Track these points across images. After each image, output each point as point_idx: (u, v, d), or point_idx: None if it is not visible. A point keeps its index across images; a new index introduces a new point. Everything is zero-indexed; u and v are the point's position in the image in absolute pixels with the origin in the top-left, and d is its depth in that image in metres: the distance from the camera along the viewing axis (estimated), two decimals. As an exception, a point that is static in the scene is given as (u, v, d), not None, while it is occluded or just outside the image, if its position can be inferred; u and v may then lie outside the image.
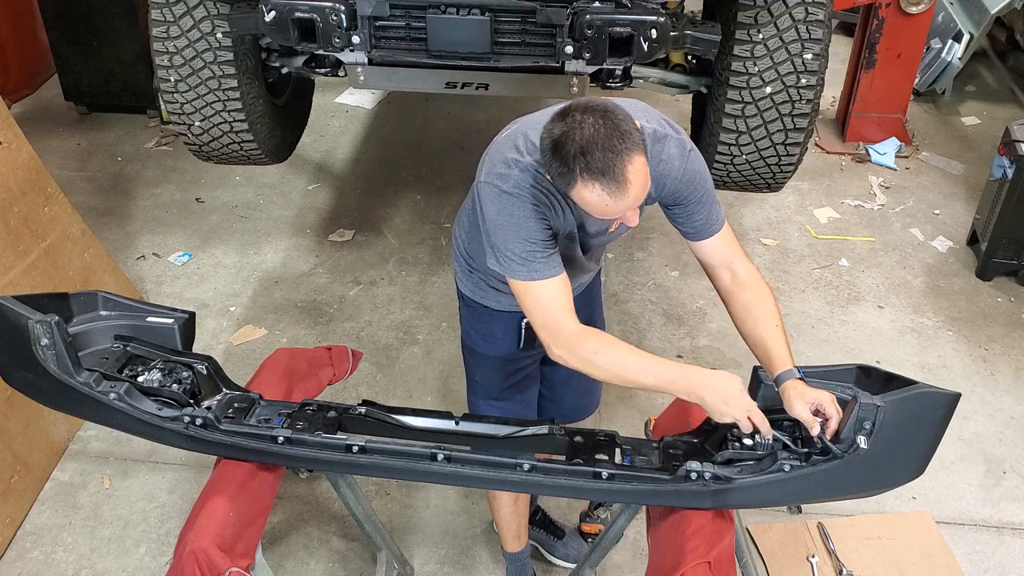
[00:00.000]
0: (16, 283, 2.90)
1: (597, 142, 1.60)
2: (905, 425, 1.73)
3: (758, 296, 1.94)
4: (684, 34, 2.77)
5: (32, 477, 2.90)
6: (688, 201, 1.91)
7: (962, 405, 1.77)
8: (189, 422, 1.91)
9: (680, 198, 1.91)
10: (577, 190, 1.65)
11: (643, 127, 1.82)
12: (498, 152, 1.84)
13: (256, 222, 4.25)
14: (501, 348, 2.19)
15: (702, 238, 1.96)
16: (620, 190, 1.63)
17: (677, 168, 1.87)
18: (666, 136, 1.87)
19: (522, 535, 2.54)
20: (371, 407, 1.98)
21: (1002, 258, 3.83)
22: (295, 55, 3.38)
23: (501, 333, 2.17)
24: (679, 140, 1.89)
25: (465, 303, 2.22)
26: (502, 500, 2.44)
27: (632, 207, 1.69)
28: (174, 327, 2.08)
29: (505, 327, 2.16)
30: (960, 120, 5.17)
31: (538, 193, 1.80)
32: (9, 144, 3.01)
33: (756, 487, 1.79)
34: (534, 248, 1.79)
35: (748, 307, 1.93)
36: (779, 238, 4.17)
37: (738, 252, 1.98)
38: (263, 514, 1.99)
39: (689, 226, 1.96)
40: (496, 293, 2.12)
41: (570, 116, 1.64)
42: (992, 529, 2.86)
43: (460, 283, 2.21)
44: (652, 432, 2.24)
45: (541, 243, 1.80)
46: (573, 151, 1.61)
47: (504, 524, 2.50)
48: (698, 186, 1.91)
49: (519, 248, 1.79)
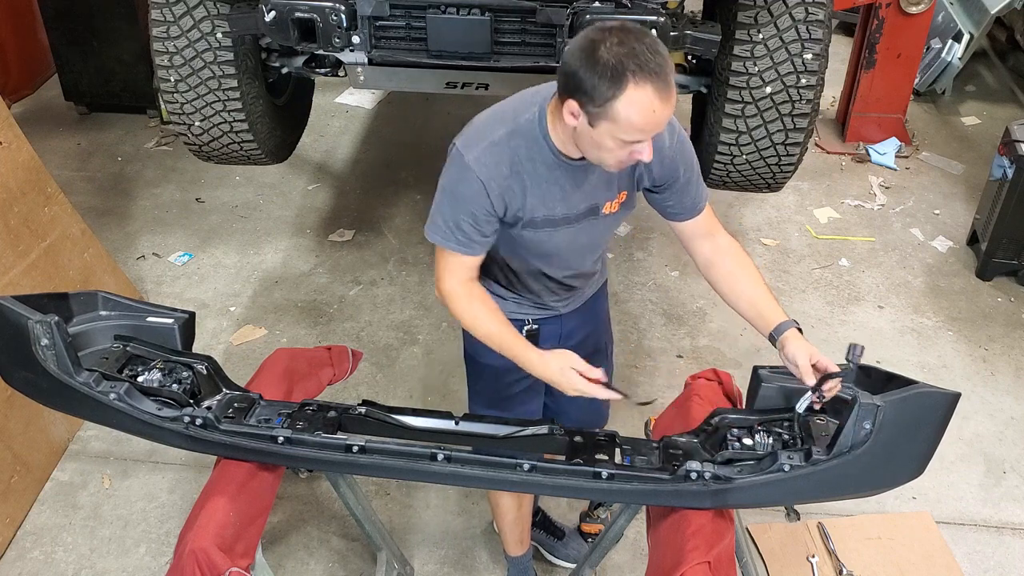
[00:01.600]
0: (16, 283, 2.90)
1: (643, 47, 1.59)
2: (905, 425, 1.73)
3: (740, 261, 1.99)
4: (684, 34, 2.76)
5: (32, 477, 2.90)
6: (679, 179, 1.92)
7: (962, 405, 1.77)
8: (189, 422, 1.91)
9: (674, 176, 1.91)
10: (627, 95, 1.59)
11: None
12: (485, 120, 1.86)
13: (256, 222, 4.25)
14: (500, 357, 2.14)
15: (690, 217, 1.99)
16: (668, 92, 1.61)
17: (668, 146, 1.87)
18: None
19: (524, 540, 2.54)
20: (371, 407, 1.98)
21: (1002, 258, 3.83)
22: (295, 55, 3.38)
23: None
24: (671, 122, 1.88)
25: None
26: (505, 507, 2.42)
27: (662, 124, 1.66)
28: (174, 327, 2.08)
29: None
30: (960, 120, 5.17)
31: (503, 169, 1.80)
32: (9, 144, 3.01)
33: (756, 487, 1.79)
34: (463, 225, 1.84)
35: (733, 272, 1.98)
36: (779, 238, 4.17)
37: (717, 224, 2.02)
38: (263, 514, 1.99)
39: (680, 206, 1.97)
40: (495, 298, 2.10)
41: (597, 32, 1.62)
42: (992, 529, 2.86)
43: None
44: (652, 432, 2.24)
45: (472, 225, 1.84)
46: (620, 54, 1.58)
47: (507, 530, 2.50)
48: (688, 162, 1.92)
49: (451, 217, 1.85)
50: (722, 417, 1.90)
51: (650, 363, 3.45)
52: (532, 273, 2.04)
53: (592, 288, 2.23)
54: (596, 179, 1.87)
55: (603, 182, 1.89)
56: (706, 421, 1.93)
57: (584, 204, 1.90)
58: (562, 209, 1.88)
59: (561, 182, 1.85)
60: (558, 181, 1.85)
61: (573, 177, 1.85)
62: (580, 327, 2.21)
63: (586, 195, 1.88)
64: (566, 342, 2.18)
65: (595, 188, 1.89)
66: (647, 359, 3.47)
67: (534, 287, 2.08)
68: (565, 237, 1.93)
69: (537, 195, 1.85)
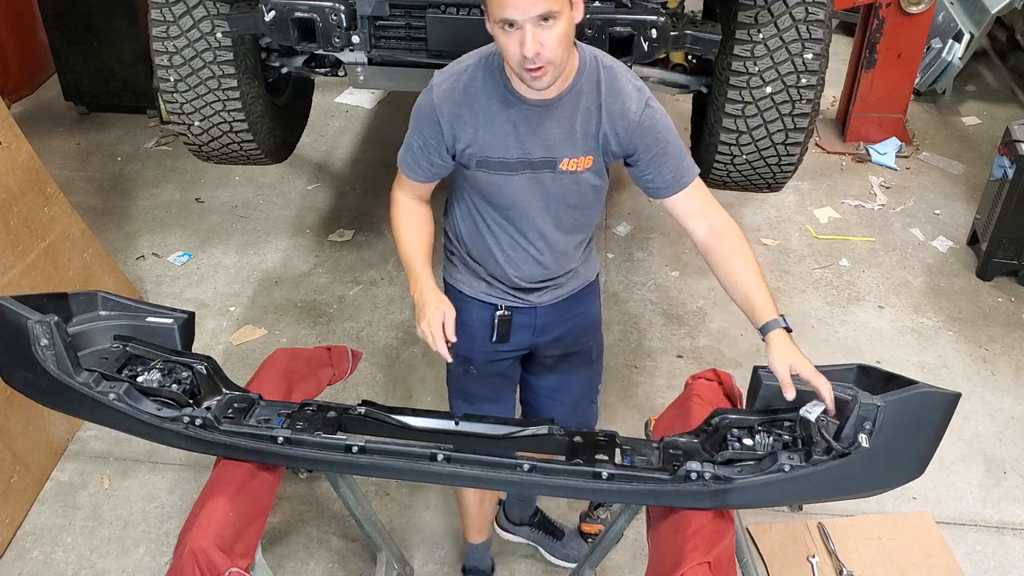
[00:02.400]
0: (16, 283, 2.90)
1: None
2: (905, 425, 1.72)
3: (737, 247, 1.93)
4: (684, 34, 2.76)
5: (32, 477, 2.90)
6: (650, 149, 1.89)
7: (962, 405, 1.77)
8: (188, 422, 1.90)
9: (642, 144, 1.89)
10: None
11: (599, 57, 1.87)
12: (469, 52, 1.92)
13: (256, 222, 4.25)
14: (475, 341, 2.17)
15: (674, 192, 1.95)
16: None
17: (634, 111, 1.86)
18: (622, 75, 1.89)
19: (483, 529, 2.58)
20: (371, 407, 1.98)
21: (1002, 258, 3.83)
22: (295, 55, 3.38)
23: (474, 323, 2.16)
24: (638, 86, 1.89)
25: (445, 290, 2.22)
26: (468, 500, 2.46)
27: (529, 5, 1.64)
28: (173, 327, 2.07)
29: (478, 317, 2.15)
30: (960, 120, 5.17)
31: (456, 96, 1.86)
32: (9, 144, 3.01)
33: (756, 487, 1.78)
34: (414, 145, 1.96)
35: (729, 259, 1.93)
36: (779, 238, 4.17)
37: (714, 204, 1.97)
38: (263, 514, 1.99)
39: (660, 181, 1.93)
40: (470, 277, 2.13)
41: None
42: (992, 529, 2.86)
43: (443, 269, 2.22)
44: (652, 432, 2.23)
45: (422, 147, 1.94)
46: None
47: (468, 520, 2.54)
48: (661, 134, 1.89)
49: (409, 136, 1.97)
50: (722, 417, 1.90)
51: (650, 363, 3.44)
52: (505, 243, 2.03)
53: (572, 282, 2.17)
54: (554, 128, 1.86)
55: (563, 134, 1.87)
56: (706, 421, 1.93)
57: (541, 153, 1.89)
58: (517, 152, 1.88)
59: (515, 122, 1.86)
60: (512, 120, 1.86)
61: (528, 120, 1.86)
62: (556, 324, 2.19)
63: (543, 144, 1.87)
64: (540, 336, 2.20)
65: (553, 138, 1.87)
66: (647, 359, 3.47)
67: (506, 264, 2.06)
68: (520, 185, 1.92)
69: (490, 131, 1.87)
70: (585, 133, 1.88)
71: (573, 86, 1.85)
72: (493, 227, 2.03)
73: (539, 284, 2.11)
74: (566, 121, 1.86)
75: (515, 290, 2.11)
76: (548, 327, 2.19)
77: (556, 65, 1.73)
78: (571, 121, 1.86)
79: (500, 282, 2.11)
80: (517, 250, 2.04)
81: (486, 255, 2.08)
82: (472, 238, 2.09)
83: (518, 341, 2.20)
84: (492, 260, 2.07)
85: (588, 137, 1.89)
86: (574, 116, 1.86)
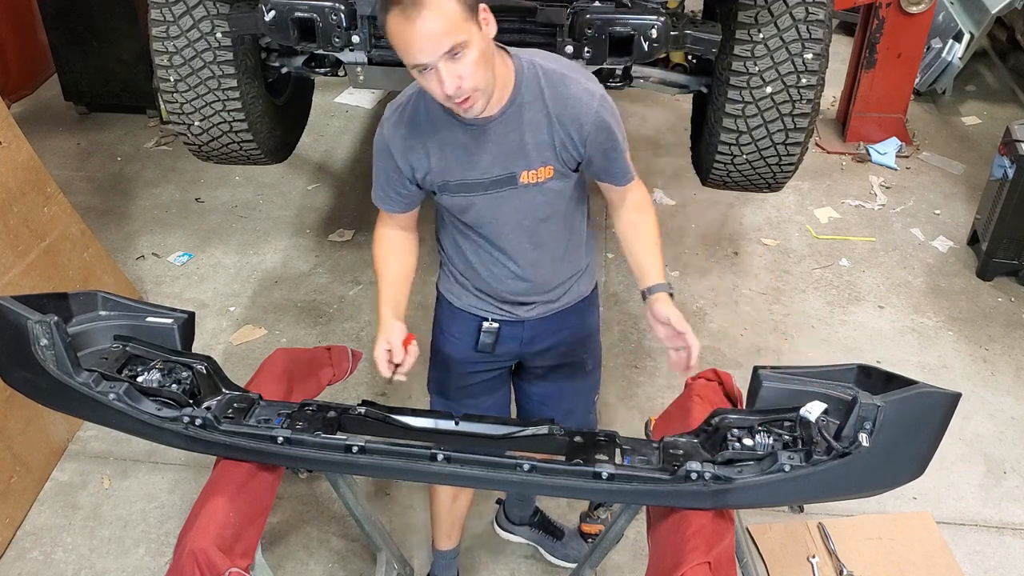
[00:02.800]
0: (15, 283, 2.90)
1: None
2: (905, 425, 1.72)
3: (642, 216, 2.02)
4: (684, 34, 2.76)
5: (32, 477, 2.90)
6: (607, 147, 1.89)
7: (962, 405, 1.77)
8: (188, 422, 1.90)
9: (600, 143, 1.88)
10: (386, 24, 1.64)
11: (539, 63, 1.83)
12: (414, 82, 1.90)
13: (256, 222, 4.25)
14: (457, 349, 2.18)
15: (620, 185, 2.00)
16: (414, 10, 1.59)
17: (587, 113, 1.83)
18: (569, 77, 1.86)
19: (453, 535, 2.54)
20: (371, 407, 1.98)
21: (1003, 258, 3.83)
22: (295, 55, 3.37)
23: (459, 333, 2.17)
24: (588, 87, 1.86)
25: (436, 299, 2.24)
26: (439, 497, 2.44)
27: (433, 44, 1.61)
28: (173, 327, 2.07)
29: (462, 328, 2.15)
30: (961, 120, 5.17)
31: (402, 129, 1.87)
32: (8, 144, 3.01)
33: (756, 487, 1.78)
34: (380, 179, 1.97)
35: (633, 225, 2.02)
36: (779, 238, 4.17)
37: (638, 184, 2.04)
38: (263, 514, 1.99)
39: (609, 175, 1.97)
40: (460, 289, 2.13)
41: None
42: (993, 529, 2.86)
43: (437, 278, 2.23)
44: (652, 432, 2.23)
45: (386, 181, 1.96)
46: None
47: (437, 520, 2.51)
48: (614, 132, 1.89)
49: (375, 171, 1.97)
50: (722, 417, 1.89)
51: (650, 363, 3.44)
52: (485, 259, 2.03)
53: (564, 297, 2.15)
54: (503, 143, 1.84)
55: (513, 148, 1.85)
56: (706, 421, 1.92)
57: (498, 170, 1.87)
58: (473, 173, 1.88)
59: (463, 142, 1.85)
60: (459, 142, 1.85)
61: (474, 137, 1.84)
62: (545, 336, 2.17)
63: (496, 160, 1.86)
64: (528, 346, 2.18)
65: (504, 153, 1.85)
66: (647, 359, 3.46)
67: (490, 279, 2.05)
68: (487, 205, 1.92)
69: (442, 156, 1.87)
70: (537, 143, 1.85)
71: (513, 100, 1.82)
72: (471, 245, 2.02)
73: (527, 299, 2.09)
74: (513, 135, 1.84)
75: (504, 303, 2.10)
76: (536, 339, 2.17)
77: (483, 89, 1.71)
78: (518, 134, 1.84)
79: (488, 296, 2.10)
80: (497, 266, 2.03)
81: (470, 270, 2.08)
82: (455, 253, 2.09)
83: (505, 351, 2.18)
84: (476, 275, 2.07)
85: (542, 147, 1.86)
86: (520, 129, 1.83)
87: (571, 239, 2.08)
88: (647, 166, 4.67)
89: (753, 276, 3.92)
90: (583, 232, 2.13)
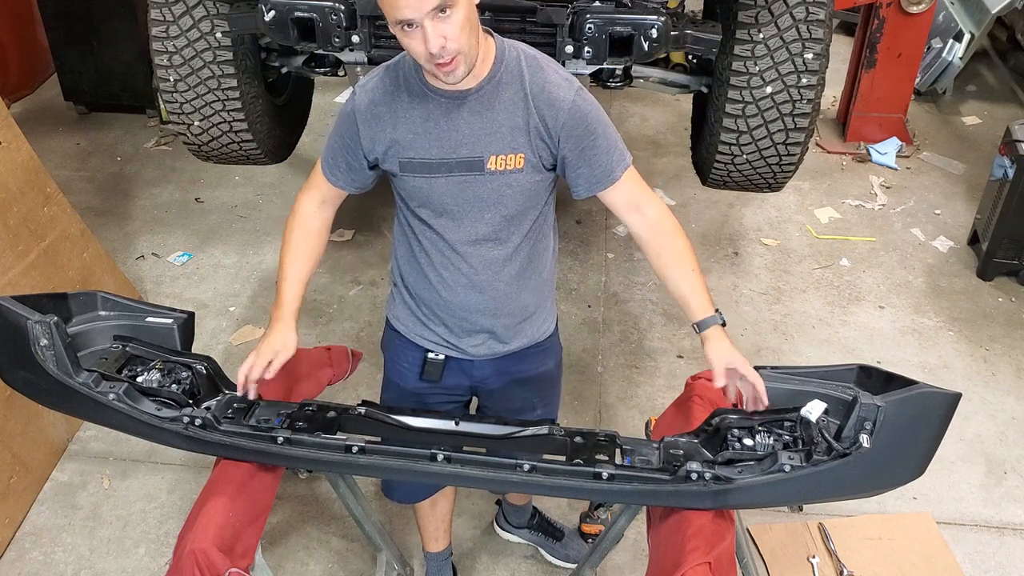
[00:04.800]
0: (15, 283, 2.90)
1: None
2: (906, 425, 1.72)
3: (672, 241, 1.91)
4: (684, 34, 2.76)
5: (31, 477, 2.90)
6: (585, 143, 1.82)
7: (963, 405, 1.77)
8: (188, 422, 1.90)
9: (577, 136, 1.81)
10: None
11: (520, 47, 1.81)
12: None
13: (256, 222, 4.25)
14: (406, 379, 2.14)
15: (607, 186, 1.87)
16: None
17: (564, 99, 1.79)
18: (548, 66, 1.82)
19: (440, 537, 2.53)
20: (371, 407, 1.98)
21: (1003, 258, 3.83)
22: (295, 55, 3.38)
23: (407, 364, 2.12)
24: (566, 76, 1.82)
25: (385, 326, 2.19)
26: (421, 503, 2.41)
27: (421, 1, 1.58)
28: (173, 327, 2.07)
29: (411, 359, 2.11)
30: (961, 120, 5.17)
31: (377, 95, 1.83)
32: (8, 144, 3.00)
33: (757, 487, 1.78)
34: (334, 144, 1.92)
35: (662, 253, 1.92)
36: (780, 238, 4.17)
37: (648, 193, 1.92)
38: (263, 514, 1.98)
39: (592, 176, 1.86)
40: (407, 314, 2.07)
41: None
42: (993, 530, 2.86)
43: (387, 304, 2.19)
44: (652, 432, 2.23)
45: (340, 147, 1.91)
46: None
47: (422, 525, 2.50)
48: (592, 124, 1.82)
49: (331, 134, 1.92)
50: (723, 417, 1.89)
51: (650, 363, 3.44)
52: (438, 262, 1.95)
53: (516, 339, 2.06)
54: (475, 121, 1.79)
55: (486, 128, 1.79)
56: (706, 421, 1.92)
57: (464, 150, 1.81)
58: (438, 151, 1.81)
59: (435, 115, 1.80)
60: (431, 114, 1.80)
61: (447, 113, 1.79)
62: (494, 378, 2.11)
63: (465, 140, 1.80)
64: (479, 385, 2.14)
65: (476, 133, 1.79)
66: (647, 359, 3.46)
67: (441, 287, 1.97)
68: (447, 190, 1.85)
69: (410, 129, 1.82)
70: (512, 127, 1.79)
71: (493, 75, 1.78)
72: (425, 244, 1.94)
73: (477, 323, 2.01)
74: (488, 113, 1.78)
75: (450, 335, 2.04)
76: (486, 379, 2.12)
77: (466, 54, 1.66)
78: (493, 112, 1.78)
79: (437, 318, 2.03)
80: (450, 269, 1.94)
81: (421, 281, 1.99)
82: (407, 261, 2.02)
83: (455, 384, 2.13)
84: (427, 285, 1.98)
85: (516, 131, 1.80)
86: (496, 107, 1.78)
87: (532, 260, 1.99)
88: (647, 166, 4.67)
89: (753, 276, 3.92)
90: (547, 260, 2.04)
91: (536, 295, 2.05)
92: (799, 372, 1.90)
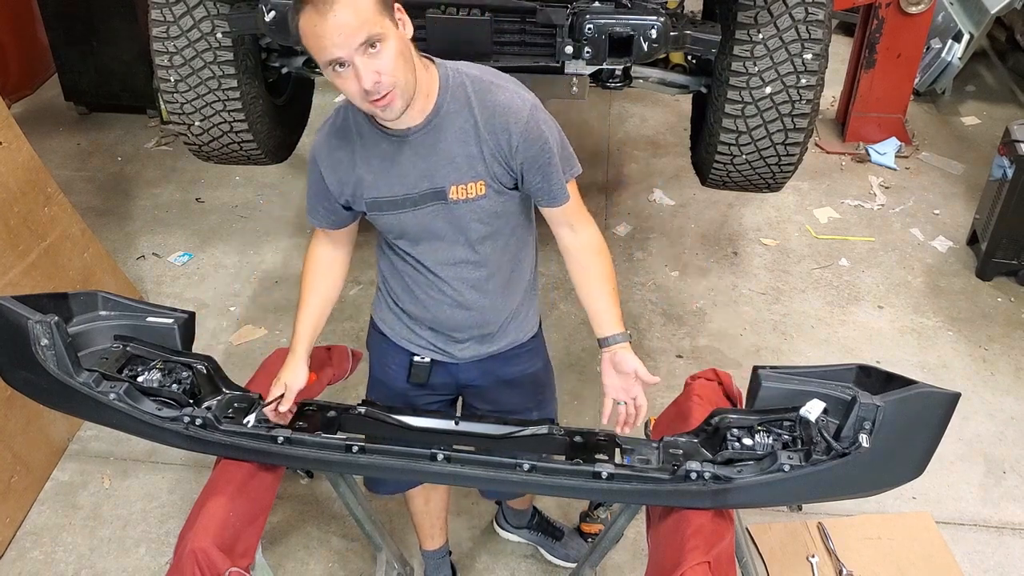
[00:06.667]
0: (16, 283, 2.90)
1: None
2: (905, 425, 1.73)
3: (595, 259, 1.96)
4: (684, 34, 2.76)
5: (32, 477, 2.90)
6: (541, 161, 1.80)
7: (962, 405, 1.77)
8: (189, 422, 1.90)
9: (532, 156, 1.79)
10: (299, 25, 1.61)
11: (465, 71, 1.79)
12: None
13: (256, 222, 4.25)
14: (392, 380, 2.15)
15: (561, 203, 1.88)
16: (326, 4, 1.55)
17: (517, 123, 1.76)
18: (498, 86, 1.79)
19: (436, 535, 2.53)
20: (371, 407, 1.98)
21: (1002, 258, 3.83)
22: (295, 55, 3.38)
23: (394, 366, 2.12)
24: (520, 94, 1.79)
25: (370, 328, 2.20)
26: (413, 500, 2.43)
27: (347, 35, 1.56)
28: (174, 327, 2.07)
29: (398, 361, 2.11)
30: (960, 120, 5.17)
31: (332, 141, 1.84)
32: (9, 144, 3.01)
33: (756, 487, 1.78)
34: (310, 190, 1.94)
35: (586, 269, 1.96)
36: (779, 238, 4.17)
37: (581, 212, 1.94)
38: (263, 514, 1.99)
39: (548, 193, 1.86)
40: (393, 318, 2.08)
41: None
42: (992, 529, 2.86)
43: (373, 304, 2.19)
44: (652, 432, 2.23)
45: (315, 192, 1.93)
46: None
47: (416, 523, 2.51)
48: (548, 144, 1.80)
49: (308, 184, 1.95)
50: (722, 417, 1.90)
51: (650, 363, 3.44)
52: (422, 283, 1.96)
53: (499, 341, 2.07)
54: (429, 155, 1.78)
55: (441, 160, 1.78)
56: (706, 421, 1.93)
57: (425, 184, 1.80)
58: (400, 188, 1.82)
59: (391, 156, 1.80)
60: (387, 155, 1.80)
61: (398, 149, 1.79)
62: (480, 378, 2.12)
63: (424, 174, 1.79)
64: (464, 386, 2.15)
65: (433, 166, 1.79)
66: (647, 359, 3.47)
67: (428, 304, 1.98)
68: (416, 223, 1.85)
69: (369, 170, 1.82)
70: (468, 156, 1.78)
71: (439, 108, 1.76)
72: (407, 268, 1.97)
73: (463, 335, 2.02)
74: (440, 145, 1.77)
75: (437, 339, 2.04)
76: (473, 380, 2.12)
77: (402, 88, 1.64)
78: (446, 144, 1.77)
79: (424, 326, 2.03)
80: (434, 290, 1.95)
81: (407, 296, 2.01)
82: (392, 276, 2.03)
83: (441, 384, 2.13)
84: (413, 300, 2.00)
85: (472, 160, 1.78)
86: (448, 138, 1.77)
87: (514, 270, 2.01)
88: (647, 166, 4.67)
89: (753, 276, 3.93)
90: (529, 265, 2.06)
91: (521, 295, 2.08)
92: (798, 372, 1.90)
